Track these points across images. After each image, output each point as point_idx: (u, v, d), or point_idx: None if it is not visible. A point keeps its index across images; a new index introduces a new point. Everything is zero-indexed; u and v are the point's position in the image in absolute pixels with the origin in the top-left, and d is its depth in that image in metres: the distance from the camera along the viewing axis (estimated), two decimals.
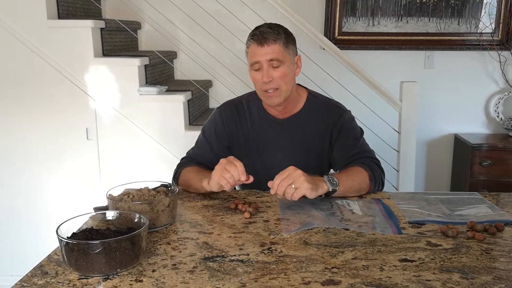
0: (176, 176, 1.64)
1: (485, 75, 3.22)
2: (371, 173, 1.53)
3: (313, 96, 1.72)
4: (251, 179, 1.39)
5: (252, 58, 1.57)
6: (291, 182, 1.31)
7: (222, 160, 1.41)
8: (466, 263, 1.04)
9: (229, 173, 1.37)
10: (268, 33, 1.55)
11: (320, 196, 1.40)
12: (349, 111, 1.72)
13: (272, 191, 1.34)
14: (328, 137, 1.67)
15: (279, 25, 1.61)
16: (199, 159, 1.69)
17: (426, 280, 0.97)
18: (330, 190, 1.40)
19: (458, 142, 3.21)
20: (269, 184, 1.34)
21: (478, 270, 1.01)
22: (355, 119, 1.74)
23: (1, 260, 2.78)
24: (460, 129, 3.28)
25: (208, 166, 1.66)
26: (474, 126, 3.28)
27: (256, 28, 1.60)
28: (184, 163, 1.67)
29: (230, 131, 1.71)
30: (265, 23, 1.62)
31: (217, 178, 1.39)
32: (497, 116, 3.19)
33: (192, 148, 1.76)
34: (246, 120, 1.71)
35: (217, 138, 1.71)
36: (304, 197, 1.34)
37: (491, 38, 3.11)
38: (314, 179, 1.38)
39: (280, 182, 1.32)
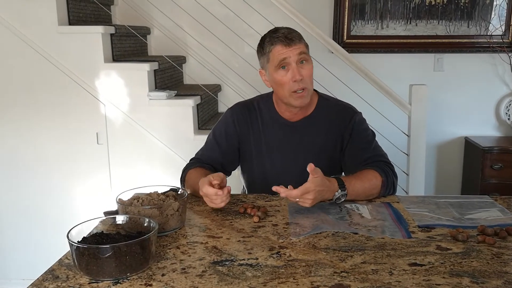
0: (182, 178, 1.64)
1: (496, 77, 3.20)
2: (385, 178, 1.52)
3: (323, 99, 1.72)
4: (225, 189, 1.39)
5: (278, 57, 1.54)
6: (300, 200, 1.35)
7: (203, 196, 1.41)
8: (477, 267, 1.03)
9: (212, 203, 1.38)
10: (291, 34, 1.55)
11: (330, 200, 1.44)
12: (360, 113, 1.71)
13: (284, 192, 1.34)
14: (339, 140, 1.67)
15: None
16: (207, 160, 1.68)
17: (436, 284, 0.96)
18: (333, 201, 1.43)
19: (469, 145, 3.19)
20: (275, 188, 1.35)
21: (489, 275, 1.00)
22: None
23: (13, 264, 2.80)
24: (471, 132, 3.26)
25: (216, 167, 1.66)
26: (485, 129, 3.26)
27: (274, 31, 1.58)
28: (190, 164, 1.67)
29: (241, 132, 1.70)
30: (280, 27, 1.61)
31: (202, 194, 1.40)
32: (508, 119, 3.17)
33: (201, 149, 1.75)
34: (257, 121, 1.70)
35: (227, 138, 1.70)
36: None
37: (501, 40, 3.09)
38: (325, 192, 1.38)
39: (295, 198, 1.34)
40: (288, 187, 1.34)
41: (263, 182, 1.66)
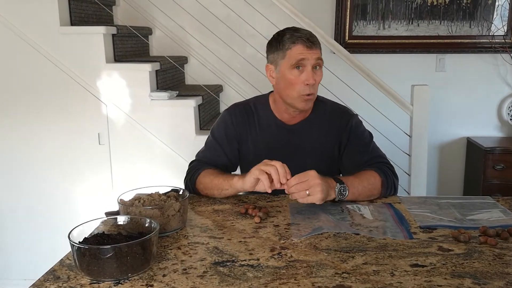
0: (193, 179, 1.59)
1: (498, 77, 3.19)
2: (384, 179, 1.52)
3: (320, 102, 1.71)
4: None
5: (297, 56, 1.54)
6: (307, 189, 1.33)
7: (264, 162, 1.39)
8: (478, 268, 1.03)
9: (274, 167, 1.35)
10: (313, 37, 1.56)
11: (333, 200, 1.44)
12: (356, 115, 1.71)
13: (285, 187, 1.34)
14: (337, 144, 1.67)
15: None
16: (211, 162, 1.66)
17: (438, 285, 0.96)
18: (336, 200, 1.43)
19: (471, 146, 3.18)
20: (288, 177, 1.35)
21: (491, 276, 1.00)
22: (365, 122, 1.73)
23: (14, 264, 2.81)
24: (473, 133, 3.25)
25: (220, 169, 1.66)
26: (487, 129, 3.25)
27: (296, 30, 1.58)
28: (198, 166, 1.63)
29: (240, 133, 1.69)
30: (301, 28, 1.60)
31: (258, 172, 1.37)
32: (510, 119, 3.16)
33: (202, 151, 1.72)
34: (255, 124, 1.69)
35: (228, 140, 1.69)
36: None
37: (503, 40, 3.08)
38: (328, 187, 1.38)
39: (296, 184, 1.33)
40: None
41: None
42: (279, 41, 1.58)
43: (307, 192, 1.33)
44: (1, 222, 2.76)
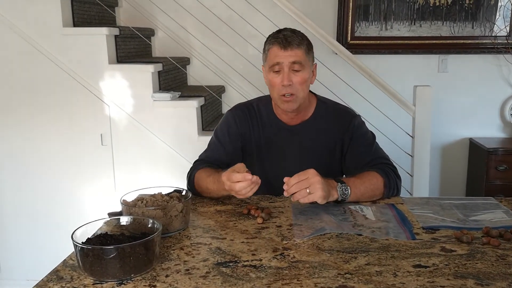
0: (191, 180, 1.61)
1: (500, 78, 3.19)
2: (386, 179, 1.52)
3: (322, 102, 1.71)
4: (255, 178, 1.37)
5: (273, 59, 1.55)
6: (307, 186, 1.32)
7: (225, 181, 1.39)
8: (481, 269, 1.03)
9: (234, 191, 1.37)
10: (292, 37, 1.54)
11: (335, 201, 1.43)
12: (359, 115, 1.71)
13: (285, 187, 1.34)
14: (339, 144, 1.67)
15: (300, 31, 1.61)
16: (212, 161, 1.67)
17: (440, 286, 0.96)
18: (339, 200, 1.42)
19: (473, 146, 3.18)
20: (285, 179, 1.34)
21: (493, 276, 1.00)
22: (368, 123, 1.73)
23: (18, 264, 2.81)
24: (475, 133, 3.25)
25: (222, 168, 1.66)
26: (490, 130, 3.25)
27: (278, 31, 1.59)
28: (196, 166, 1.65)
29: (243, 132, 1.70)
30: (287, 28, 1.61)
31: (233, 194, 1.40)
32: None
33: (204, 151, 1.74)
34: (257, 124, 1.70)
35: (230, 139, 1.70)
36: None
37: (506, 41, 3.08)
38: (329, 186, 1.38)
39: (296, 183, 1.33)
40: (284, 179, 1.34)
41: (265, 183, 1.65)
42: (265, 43, 1.62)
43: (308, 191, 1.33)
44: (4, 222, 2.77)
